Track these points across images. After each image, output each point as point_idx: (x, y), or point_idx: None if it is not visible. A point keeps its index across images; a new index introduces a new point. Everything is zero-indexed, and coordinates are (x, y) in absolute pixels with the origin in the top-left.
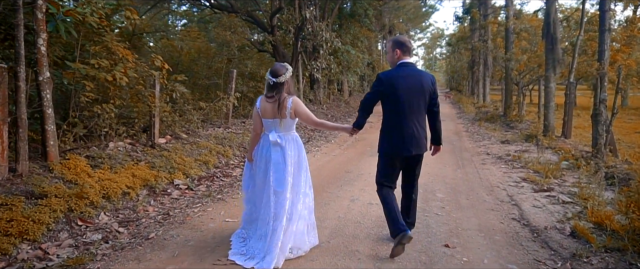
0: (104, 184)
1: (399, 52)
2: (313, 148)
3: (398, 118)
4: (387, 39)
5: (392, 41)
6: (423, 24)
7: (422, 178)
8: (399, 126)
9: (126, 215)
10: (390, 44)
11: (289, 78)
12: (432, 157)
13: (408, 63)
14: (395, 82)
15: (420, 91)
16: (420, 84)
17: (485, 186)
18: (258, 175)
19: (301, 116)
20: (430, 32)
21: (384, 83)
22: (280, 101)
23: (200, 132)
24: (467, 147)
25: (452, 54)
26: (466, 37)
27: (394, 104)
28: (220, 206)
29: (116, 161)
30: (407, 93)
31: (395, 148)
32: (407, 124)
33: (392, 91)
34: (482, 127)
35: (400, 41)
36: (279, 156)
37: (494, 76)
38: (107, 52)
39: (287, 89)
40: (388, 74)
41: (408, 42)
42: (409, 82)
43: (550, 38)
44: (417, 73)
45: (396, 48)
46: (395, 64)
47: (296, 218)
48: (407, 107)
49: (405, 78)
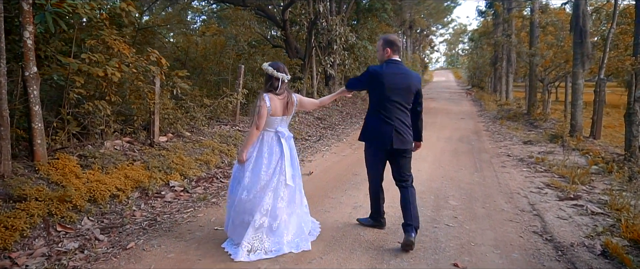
0: (92, 186)
1: (389, 51)
2: (322, 147)
3: (384, 110)
4: (406, 35)
5: (383, 40)
6: (445, 20)
7: (434, 183)
8: (381, 119)
9: (111, 220)
10: (381, 43)
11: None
12: (448, 160)
13: (396, 61)
14: (384, 79)
15: (407, 89)
16: (407, 82)
17: (504, 192)
18: (265, 172)
19: (307, 105)
20: (453, 28)
21: (373, 76)
22: (289, 98)
23: (205, 130)
24: (487, 148)
25: (474, 50)
26: (489, 32)
27: (379, 98)
28: (213, 211)
29: (110, 161)
30: (393, 90)
31: (377, 139)
32: (390, 119)
33: (379, 86)
34: (503, 126)
35: (391, 40)
36: (293, 151)
37: (518, 72)
38: (103, 47)
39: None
40: (378, 69)
41: (398, 41)
42: (397, 80)
43: (580, 31)
44: (405, 71)
45: (387, 47)
46: (383, 61)
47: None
48: (391, 103)
49: (393, 75)
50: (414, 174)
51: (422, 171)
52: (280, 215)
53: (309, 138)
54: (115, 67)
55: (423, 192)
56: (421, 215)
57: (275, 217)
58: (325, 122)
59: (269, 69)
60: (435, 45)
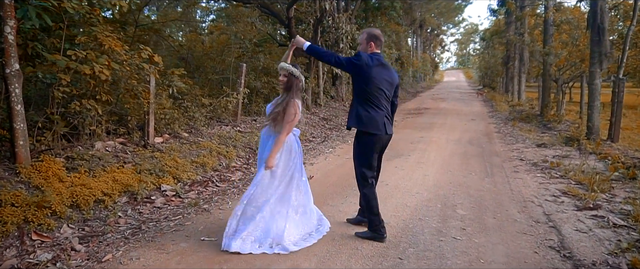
0: (76, 190)
1: (373, 45)
2: (326, 149)
3: (374, 100)
4: (416, 34)
5: (366, 33)
6: (456, 19)
7: (442, 189)
8: (377, 107)
9: (93, 228)
10: (364, 36)
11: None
12: (457, 163)
13: (379, 54)
14: (373, 70)
15: (390, 81)
16: (390, 74)
17: (517, 200)
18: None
19: None
20: (464, 27)
21: (363, 61)
22: None
23: (204, 131)
24: (498, 151)
25: (485, 50)
26: (501, 31)
27: (368, 86)
28: (203, 219)
29: (98, 163)
30: (381, 80)
31: (371, 125)
32: (382, 106)
33: (368, 75)
34: (515, 128)
35: (374, 35)
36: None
37: (531, 72)
38: (96, 44)
39: None
40: (369, 60)
41: (381, 36)
42: (383, 71)
43: (597, 29)
44: (388, 65)
45: (370, 41)
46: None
47: None
48: (379, 92)
49: (381, 67)
50: (421, 180)
51: (429, 176)
52: None
53: (314, 139)
54: (104, 64)
55: (429, 200)
56: (426, 226)
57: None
58: (331, 122)
59: (295, 70)
60: (446, 45)
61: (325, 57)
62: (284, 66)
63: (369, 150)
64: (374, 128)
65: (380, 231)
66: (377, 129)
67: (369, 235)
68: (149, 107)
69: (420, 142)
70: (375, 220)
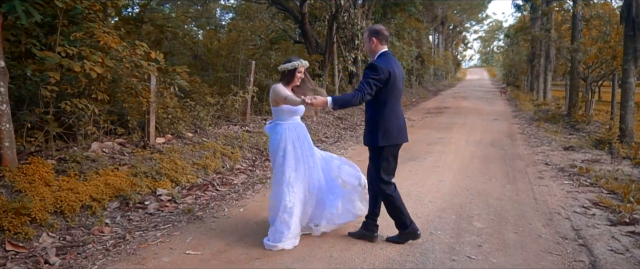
0: (61, 195)
1: (375, 41)
2: (338, 151)
3: (396, 105)
4: (438, 31)
5: (368, 31)
6: (479, 16)
7: (458, 197)
8: (398, 112)
9: (75, 237)
10: (366, 34)
11: (294, 69)
12: (476, 168)
13: (388, 51)
14: (392, 70)
15: (402, 78)
16: (402, 71)
17: (541, 211)
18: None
19: (275, 97)
20: (487, 24)
21: (384, 71)
22: None
23: (210, 131)
24: (521, 154)
25: (509, 47)
26: (526, 27)
27: (393, 92)
28: (193, 228)
29: (91, 166)
30: (398, 80)
31: (400, 135)
32: (401, 111)
33: (391, 79)
34: (540, 129)
35: (376, 30)
36: None
37: (557, 69)
38: (93, 41)
39: (288, 78)
40: (384, 63)
41: (384, 30)
42: (397, 70)
43: (632, 23)
44: (397, 61)
45: (372, 37)
46: (376, 53)
47: None
48: (398, 95)
49: (395, 66)
50: (436, 186)
51: (445, 182)
52: None
53: (326, 139)
54: (97, 61)
55: (443, 210)
56: (437, 241)
57: None
58: (345, 122)
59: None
60: (469, 42)
61: (355, 100)
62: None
63: (393, 160)
64: (403, 137)
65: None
66: (405, 137)
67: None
68: (150, 107)
69: (438, 144)
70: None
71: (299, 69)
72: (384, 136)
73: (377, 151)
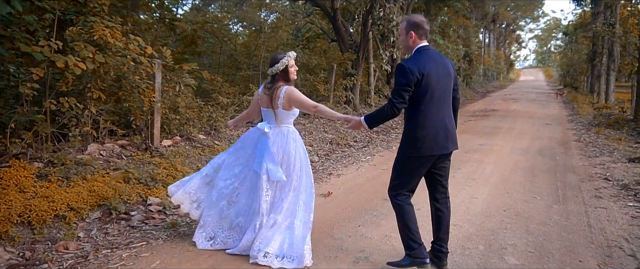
0: (33, 203)
1: (414, 35)
2: (363, 157)
3: (431, 110)
4: (488, 29)
5: (405, 22)
6: (535, 13)
7: (491, 220)
8: (434, 119)
9: (36, 254)
10: (404, 26)
11: (286, 66)
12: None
13: (428, 47)
14: (426, 71)
15: (448, 77)
16: (447, 68)
17: (597, 243)
18: (240, 160)
19: (296, 104)
20: (544, 23)
21: (414, 73)
22: (274, 92)
23: (225, 132)
24: (576, 167)
25: (567, 45)
26: (586, 23)
27: (427, 95)
28: (166, 250)
29: (79, 170)
30: (438, 81)
31: (431, 146)
32: (441, 116)
33: (425, 81)
34: (601, 136)
35: (415, 22)
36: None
37: (622, 69)
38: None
39: (284, 77)
40: (414, 63)
41: (424, 23)
42: (439, 68)
43: None
44: (441, 57)
45: (410, 30)
46: (412, 49)
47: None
48: (439, 96)
49: (434, 64)
50: (465, 204)
51: (478, 200)
52: None
53: (355, 144)
54: (88, 57)
55: (469, 237)
56: None
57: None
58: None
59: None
60: (524, 41)
61: (387, 113)
62: None
63: (410, 168)
64: (439, 148)
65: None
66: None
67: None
68: (154, 107)
69: (478, 152)
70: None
71: (290, 64)
72: (410, 146)
73: (399, 158)
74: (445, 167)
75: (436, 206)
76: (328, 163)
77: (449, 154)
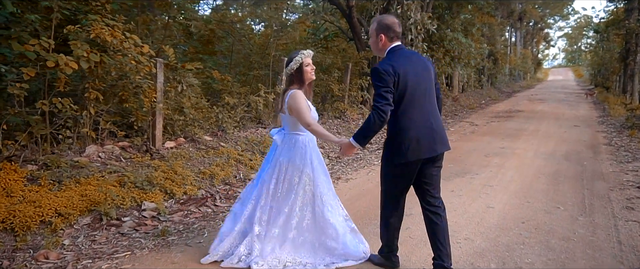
0: (18, 208)
1: (384, 38)
2: (376, 160)
3: (413, 111)
4: (515, 27)
5: (375, 23)
6: (564, 11)
7: (506, 234)
8: (417, 120)
9: (12, 263)
10: (373, 27)
11: (301, 64)
12: (541, 190)
13: (401, 46)
14: (402, 70)
15: (427, 74)
16: (424, 65)
17: (628, 263)
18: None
19: (293, 113)
20: (574, 21)
21: (390, 73)
22: (283, 94)
23: (233, 133)
24: (605, 173)
25: (598, 43)
26: (619, 20)
27: (406, 96)
28: (149, 261)
29: (74, 173)
30: (417, 79)
31: (417, 150)
32: (425, 116)
33: (402, 80)
34: (634, 139)
35: (385, 24)
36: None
37: None
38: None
39: (299, 78)
40: (389, 63)
41: (396, 25)
42: (415, 67)
43: None
44: (416, 55)
45: (380, 32)
46: (384, 51)
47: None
48: (421, 96)
49: (409, 62)
50: (480, 215)
51: (494, 210)
52: None
53: (368, 146)
54: (82, 56)
55: (481, 254)
56: None
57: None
58: None
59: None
60: (552, 40)
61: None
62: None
63: (396, 177)
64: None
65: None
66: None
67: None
68: (155, 107)
69: (498, 156)
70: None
71: (305, 62)
72: (393, 152)
73: (384, 170)
74: (433, 174)
75: (429, 217)
76: (338, 167)
77: (438, 157)
